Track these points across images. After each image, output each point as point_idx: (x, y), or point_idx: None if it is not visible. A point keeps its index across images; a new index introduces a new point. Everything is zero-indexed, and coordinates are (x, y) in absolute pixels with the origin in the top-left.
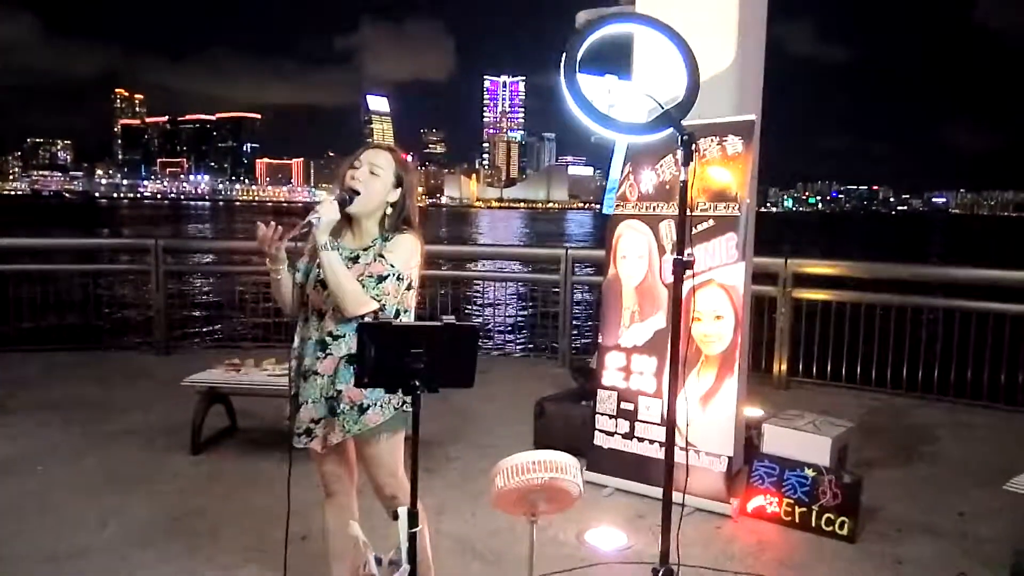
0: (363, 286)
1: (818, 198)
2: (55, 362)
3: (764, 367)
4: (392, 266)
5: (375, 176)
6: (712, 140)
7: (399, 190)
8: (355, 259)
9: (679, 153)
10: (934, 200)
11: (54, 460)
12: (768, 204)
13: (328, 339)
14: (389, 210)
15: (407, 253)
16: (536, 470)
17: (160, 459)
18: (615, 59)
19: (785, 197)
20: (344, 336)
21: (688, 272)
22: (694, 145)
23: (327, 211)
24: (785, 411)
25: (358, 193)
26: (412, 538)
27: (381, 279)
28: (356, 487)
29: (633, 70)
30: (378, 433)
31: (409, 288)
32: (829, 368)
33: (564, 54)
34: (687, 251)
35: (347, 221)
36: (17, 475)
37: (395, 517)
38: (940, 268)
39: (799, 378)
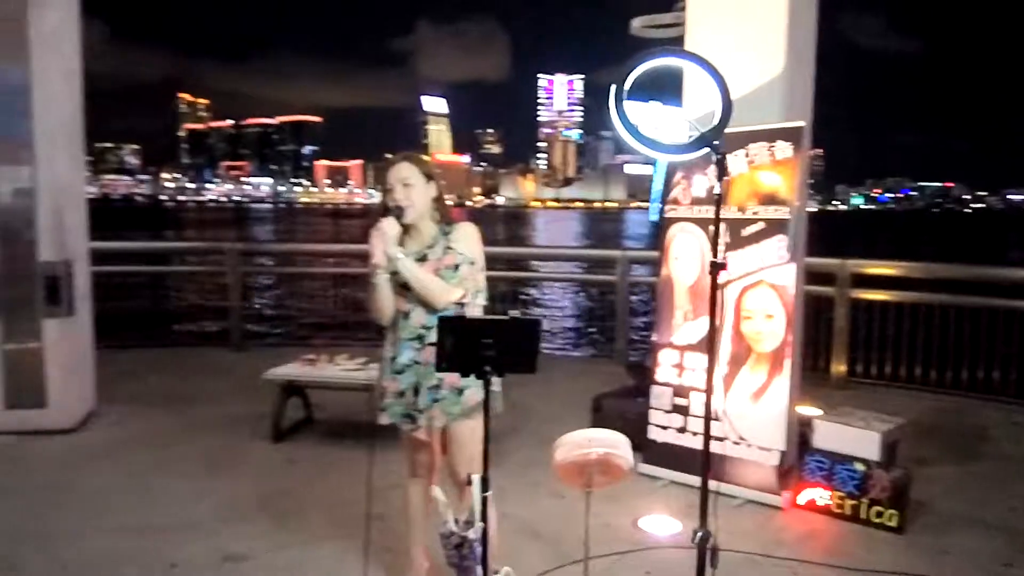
0: (443, 278)
1: (889, 195)
2: (140, 358)
3: (822, 367)
4: (462, 254)
5: (410, 187)
6: (762, 145)
7: (432, 183)
8: (423, 258)
9: (711, 170)
10: (1010, 197)
11: (149, 446)
12: (835, 202)
13: (423, 331)
14: (435, 204)
15: (471, 239)
16: (592, 445)
17: (244, 446)
18: (670, 80)
19: (854, 194)
20: (435, 326)
21: (737, 273)
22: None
23: (390, 228)
24: (838, 408)
25: (407, 207)
26: (484, 501)
27: (456, 268)
28: (437, 470)
29: (684, 91)
30: (472, 413)
31: (480, 270)
32: (888, 368)
33: (614, 86)
34: (721, 255)
35: (404, 229)
36: (115, 458)
37: (469, 482)
38: (1001, 269)
39: (858, 378)
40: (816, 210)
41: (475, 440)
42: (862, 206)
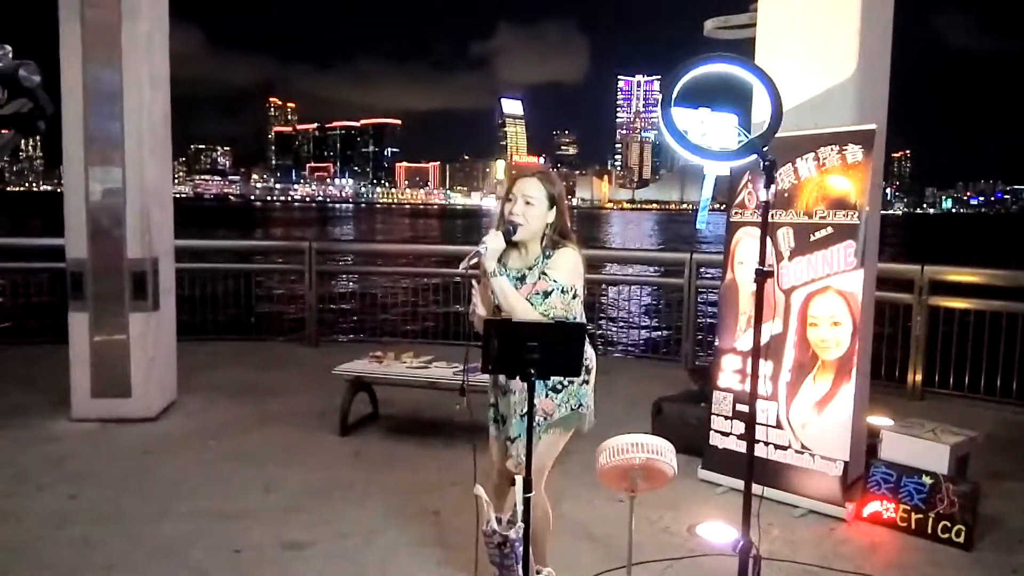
0: (531, 303)
1: (980, 199)
2: (219, 351)
3: (898, 377)
4: (555, 281)
5: (530, 206)
6: (832, 149)
7: (554, 210)
8: (521, 279)
9: (762, 176)
10: None
11: (223, 435)
12: (924, 205)
13: None
14: (548, 230)
15: (569, 267)
16: (635, 451)
17: (312, 438)
18: (732, 86)
19: (944, 198)
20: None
21: (803, 278)
22: (793, 170)
23: (493, 241)
24: (907, 419)
25: (520, 225)
26: (527, 502)
27: (547, 295)
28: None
29: (754, 95)
30: (551, 427)
31: (575, 297)
32: (967, 379)
33: (662, 93)
34: (768, 263)
35: (512, 244)
36: (191, 447)
37: (512, 483)
38: None
39: (935, 389)
40: (902, 213)
41: (549, 451)
42: (952, 209)
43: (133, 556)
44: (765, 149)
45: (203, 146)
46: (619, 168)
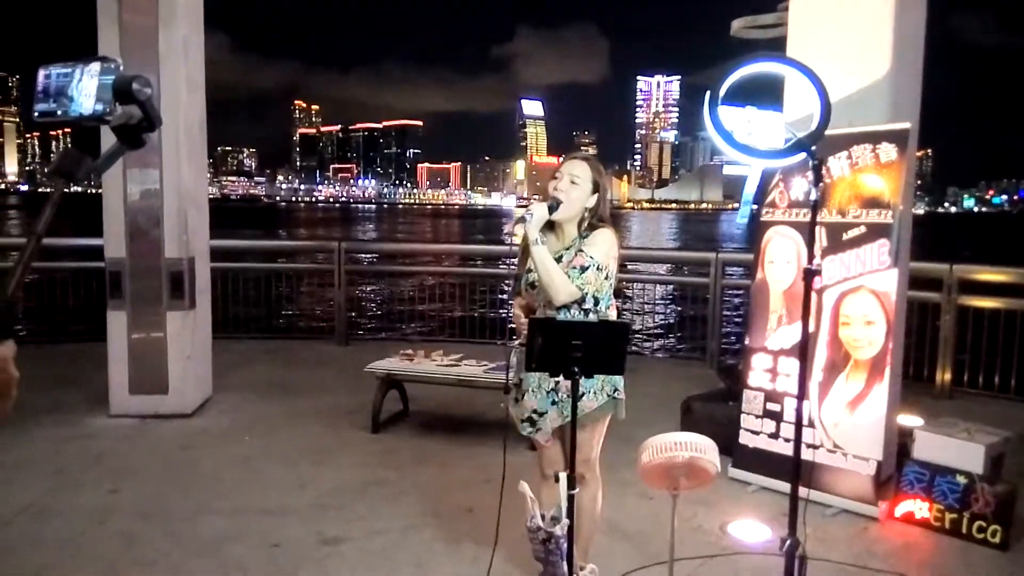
0: (568, 277)
1: (1003, 197)
2: (251, 349)
3: (927, 376)
4: (592, 258)
5: (575, 185)
6: (865, 148)
7: (596, 196)
8: (558, 259)
9: (810, 175)
10: None
11: (256, 432)
12: (946, 204)
13: None
14: (587, 214)
15: (605, 246)
16: (679, 449)
17: (345, 435)
18: (767, 83)
19: (965, 196)
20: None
21: (836, 278)
22: (824, 169)
23: (538, 210)
24: (939, 419)
25: (562, 202)
26: (571, 499)
27: (583, 270)
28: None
29: (785, 94)
30: (589, 419)
31: (607, 278)
32: (997, 379)
33: (708, 92)
34: (816, 261)
35: (550, 226)
36: (227, 444)
37: (556, 479)
38: None
39: (965, 388)
40: (923, 212)
41: (592, 440)
42: (974, 208)
43: (174, 552)
44: (814, 148)
45: (229, 148)
46: (638, 168)
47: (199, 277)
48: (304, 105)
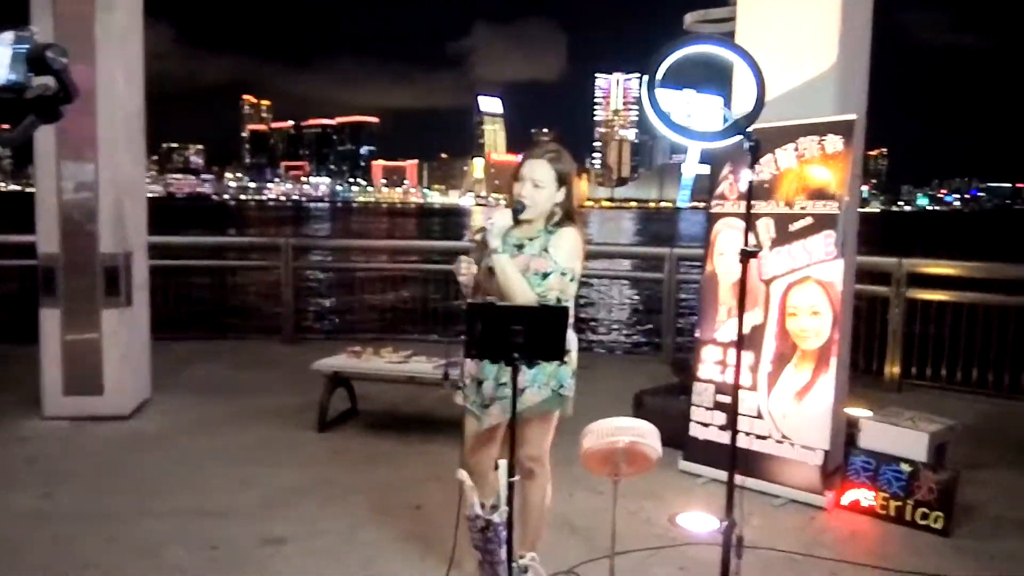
0: (528, 282)
1: (956, 196)
2: (195, 348)
3: (876, 368)
4: (556, 262)
5: (539, 188)
6: (812, 139)
7: (563, 190)
8: (520, 247)
9: (742, 165)
10: None
11: (200, 433)
12: (900, 202)
13: None
14: (556, 208)
15: (570, 249)
16: (619, 434)
17: (291, 435)
18: (716, 70)
19: (920, 194)
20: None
21: (783, 269)
22: (772, 160)
23: (500, 218)
24: (886, 409)
25: (527, 206)
26: (510, 486)
27: (545, 275)
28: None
29: (734, 83)
30: (533, 412)
31: (572, 280)
32: (945, 371)
33: (646, 73)
34: (763, 252)
35: (516, 222)
36: (166, 445)
37: (496, 467)
38: None
39: (914, 380)
40: (879, 210)
41: (539, 435)
42: (928, 207)
43: (110, 555)
44: (749, 130)
45: (175, 145)
46: (598, 167)
47: (137, 273)
48: (254, 100)
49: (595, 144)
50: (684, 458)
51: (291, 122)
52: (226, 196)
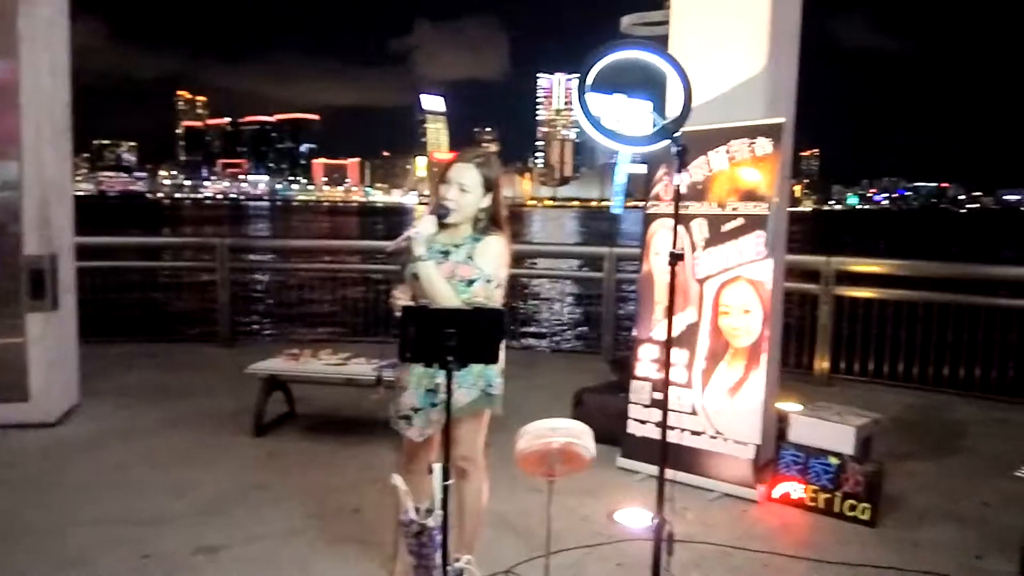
0: (454, 289)
1: (884, 195)
2: (127, 353)
3: (806, 364)
4: (481, 270)
5: (465, 193)
6: (743, 142)
7: (489, 195)
8: (446, 253)
9: (691, 169)
10: (1006, 198)
11: (131, 439)
12: (832, 202)
13: None
14: (482, 214)
15: (495, 257)
16: (553, 435)
17: (226, 440)
18: (649, 75)
19: (850, 194)
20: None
21: (716, 268)
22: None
23: (425, 226)
24: (815, 404)
25: (452, 210)
26: (445, 489)
27: (470, 283)
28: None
29: (668, 87)
30: (463, 413)
31: (497, 287)
32: (871, 366)
33: (578, 78)
34: (695, 252)
35: (441, 226)
36: (96, 452)
37: (430, 471)
38: (983, 267)
39: (842, 375)
40: (811, 209)
41: (471, 434)
42: (858, 206)
43: (36, 567)
44: (677, 134)
45: (107, 142)
46: (541, 166)
47: (63, 275)
48: (189, 96)
49: (538, 143)
50: (622, 455)
51: (228, 119)
52: (160, 194)
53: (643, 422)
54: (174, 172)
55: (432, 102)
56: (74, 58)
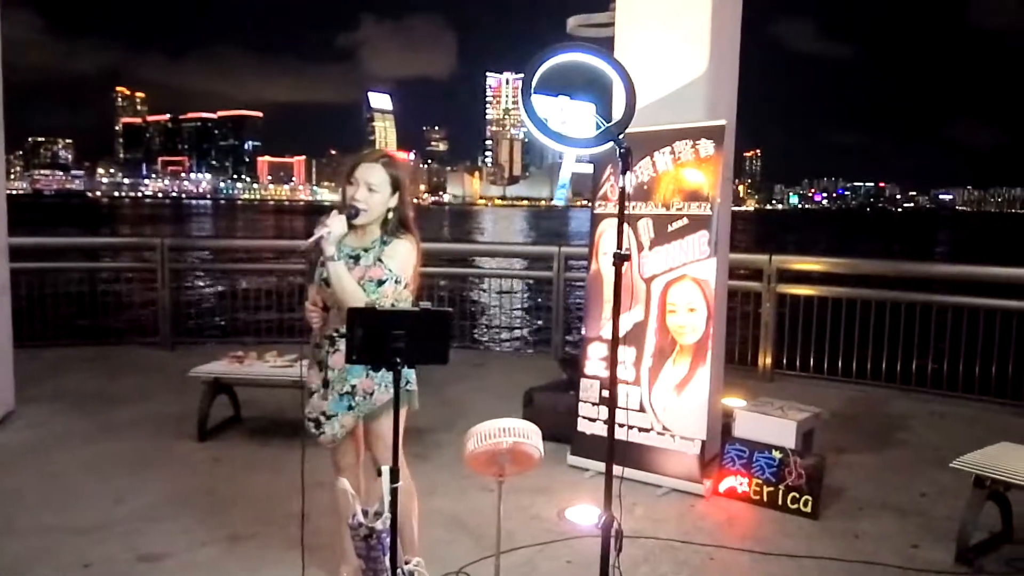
0: (364, 289)
1: (824, 195)
2: (65, 356)
3: (750, 360)
4: (390, 271)
5: (373, 192)
6: (686, 143)
7: (397, 195)
8: (356, 258)
9: (638, 169)
10: (940, 197)
11: (69, 446)
12: (774, 201)
13: (335, 335)
14: (390, 215)
15: (403, 258)
16: (503, 435)
17: (169, 445)
18: (596, 77)
19: (791, 193)
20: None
21: (662, 268)
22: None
23: (336, 226)
24: (758, 399)
25: (361, 211)
26: (394, 492)
27: (380, 283)
28: (361, 463)
29: (613, 90)
30: (384, 411)
31: (405, 287)
32: (813, 361)
33: (523, 79)
34: (642, 252)
35: (352, 225)
36: (32, 459)
37: (379, 474)
38: (920, 264)
39: (785, 371)
40: (753, 209)
41: (391, 436)
42: (799, 205)
43: None
44: (621, 136)
45: (42, 139)
46: (490, 165)
47: None
48: (128, 92)
49: (486, 142)
50: (572, 452)
51: (168, 115)
52: (99, 193)
53: (592, 420)
54: (113, 170)
55: (379, 100)
56: (6, 52)
